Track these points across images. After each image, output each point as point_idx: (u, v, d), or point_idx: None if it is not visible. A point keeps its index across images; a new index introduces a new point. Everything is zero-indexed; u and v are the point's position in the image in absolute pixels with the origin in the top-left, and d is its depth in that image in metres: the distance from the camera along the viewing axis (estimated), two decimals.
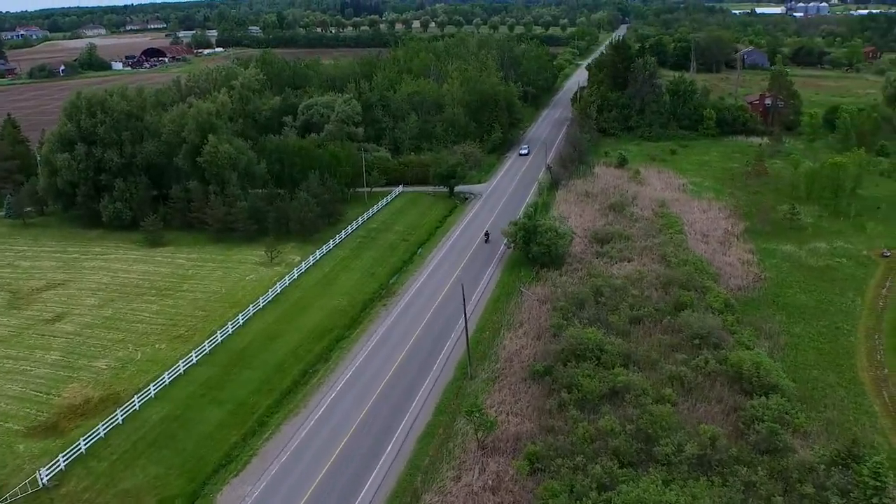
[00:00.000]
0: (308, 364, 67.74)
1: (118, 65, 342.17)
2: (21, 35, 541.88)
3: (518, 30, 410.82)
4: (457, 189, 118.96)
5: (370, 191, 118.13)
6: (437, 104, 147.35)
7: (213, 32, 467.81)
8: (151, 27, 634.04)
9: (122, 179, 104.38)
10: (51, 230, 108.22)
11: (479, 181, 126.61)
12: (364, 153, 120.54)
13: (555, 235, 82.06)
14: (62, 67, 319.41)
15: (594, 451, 49.49)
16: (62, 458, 52.26)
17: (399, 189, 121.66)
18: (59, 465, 51.91)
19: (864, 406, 57.07)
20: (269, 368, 66.37)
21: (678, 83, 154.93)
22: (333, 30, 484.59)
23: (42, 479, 50.66)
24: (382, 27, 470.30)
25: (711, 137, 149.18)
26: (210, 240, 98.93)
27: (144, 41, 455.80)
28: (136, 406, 59.27)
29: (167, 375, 63.22)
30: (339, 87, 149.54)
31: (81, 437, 54.34)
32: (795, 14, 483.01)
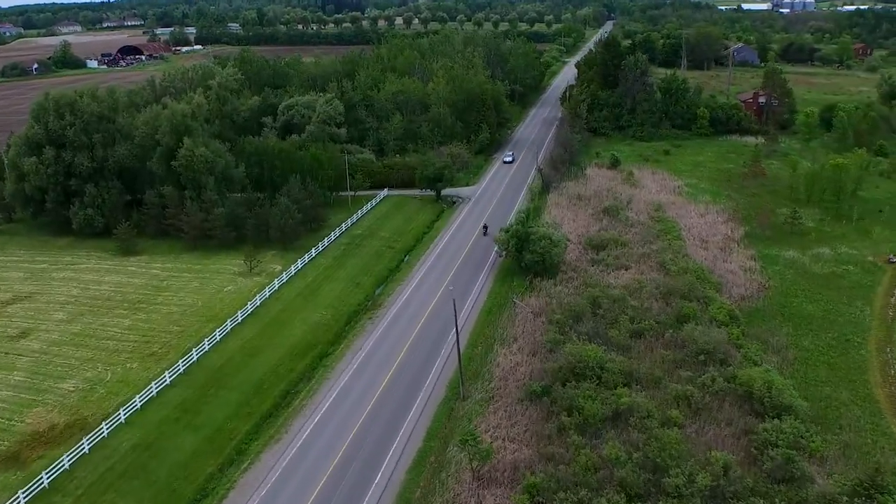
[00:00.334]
0: (290, 384, 64.67)
1: (93, 63, 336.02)
2: None
3: (503, 26, 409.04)
4: (444, 192, 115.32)
5: (354, 195, 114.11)
6: (423, 104, 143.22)
7: (192, 30, 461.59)
8: (128, 24, 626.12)
9: (94, 185, 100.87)
10: (19, 238, 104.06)
11: (467, 184, 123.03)
12: (347, 155, 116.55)
13: (549, 243, 78.26)
14: (35, 65, 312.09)
15: (598, 483, 46.66)
16: (22, 495, 48.45)
17: (384, 193, 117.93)
18: (19, 502, 48.13)
19: (882, 427, 54.12)
20: (248, 389, 63.08)
21: (670, 81, 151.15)
22: (315, 27, 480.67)
23: None
24: (365, 24, 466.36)
25: (705, 137, 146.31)
26: (186, 248, 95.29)
27: (121, 38, 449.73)
28: (105, 433, 55.65)
29: (138, 399, 59.57)
30: (321, 87, 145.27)
31: (44, 470, 50.62)
32: (782, 10, 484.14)
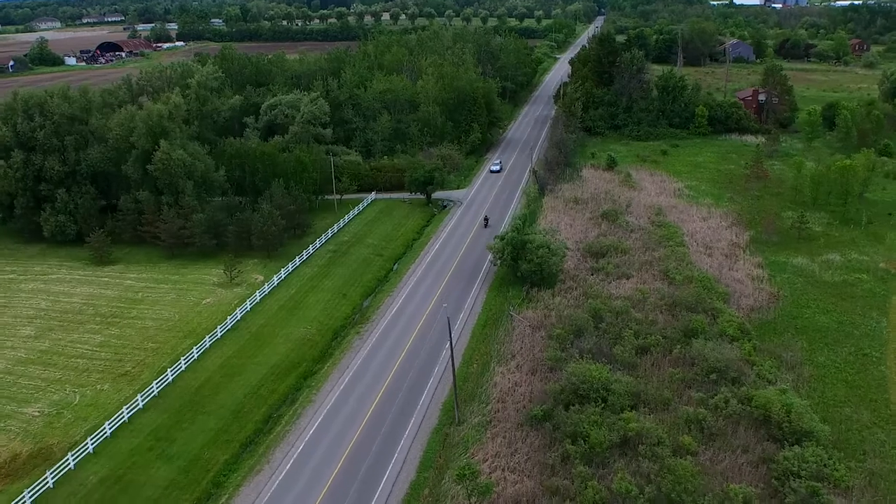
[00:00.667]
0: (272, 407, 60.63)
1: (72, 60, 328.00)
2: None
3: (492, 22, 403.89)
4: (435, 196, 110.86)
5: (340, 199, 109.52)
6: (412, 102, 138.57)
7: (174, 26, 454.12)
8: (109, 20, 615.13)
9: (65, 189, 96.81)
10: None
11: (459, 186, 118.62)
12: (333, 157, 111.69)
13: (547, 252, 73.92)
14: (11, 63, 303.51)
15: None
16: None
17: (372, 196, 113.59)
18: None
19: None
20: (228, 413, 58.92)
21: (667, 78, 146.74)
22: (300, 23, 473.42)
23: None
24: (351, 20, 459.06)
25: (703, 136, 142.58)
26: (163, 256, 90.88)
27: (101, 35, 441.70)
28: (71, 465, 51.64)
29: (108, 425, 55.42)
30: (306, 85, 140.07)
31: None
32: (775, 5, 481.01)
